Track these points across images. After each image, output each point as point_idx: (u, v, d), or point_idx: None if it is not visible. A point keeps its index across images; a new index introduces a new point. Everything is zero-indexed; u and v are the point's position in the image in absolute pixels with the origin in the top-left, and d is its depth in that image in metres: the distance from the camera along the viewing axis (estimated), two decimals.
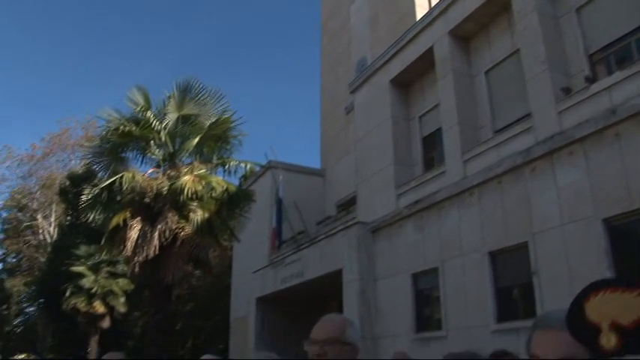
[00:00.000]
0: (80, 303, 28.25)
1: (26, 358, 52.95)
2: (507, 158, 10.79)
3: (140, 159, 14.47)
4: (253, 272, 19.99)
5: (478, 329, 10.62)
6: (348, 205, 19.55)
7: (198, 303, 32.37)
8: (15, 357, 55.32)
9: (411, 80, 15.28)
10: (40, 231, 46.20)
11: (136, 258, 12.89)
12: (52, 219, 45.37)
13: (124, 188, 12.97)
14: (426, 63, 14.21)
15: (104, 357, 4.64)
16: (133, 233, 12.80)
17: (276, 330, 18.66)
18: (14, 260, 53.41)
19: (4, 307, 52.36)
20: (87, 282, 28.30)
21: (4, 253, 53.87)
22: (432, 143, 14.35)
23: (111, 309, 29.03)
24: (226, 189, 13.81)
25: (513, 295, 10.63)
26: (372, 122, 15.84)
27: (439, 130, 13.53)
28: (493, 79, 12.76)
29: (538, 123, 10.37)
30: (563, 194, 9.52)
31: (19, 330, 51.82)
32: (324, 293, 16.57)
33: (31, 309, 49.41)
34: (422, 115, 14.84)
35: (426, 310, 12.75)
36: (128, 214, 13.11)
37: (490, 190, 11.13)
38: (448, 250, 11.93)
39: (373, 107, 15.95)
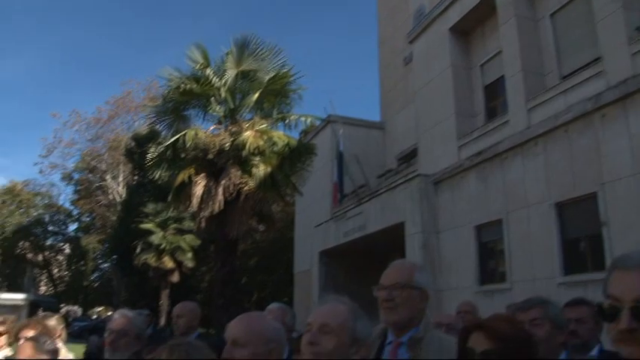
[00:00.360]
0: (150, 259, 29.38)
1: (104, 310, 55.74)
2: (575, 105, 10.34)
3: (202, 116, 14.72)
4: (315, 226, 20.20)
5: (544, 282, 10.41)
6: (409, 157, 19.37)
7: (262, 257, 33.06)
8: (94, 309, 58.37)
9: (471, 27, 14.79)
10: (110, 191, 47.94)
11: (201, 213, 13.23)
12: (120, 179, 46.95)
13: (188, 146, 13.20)
14: (486, 8, 13.68)
15: (176, 307, 4.81)
16: (198, 189, 13.11)
17: (339, 283, 18.87)
18: (88, 219, 55.87)
19: (82, 263, 55.08)
20: (156, 238, 29.34)
21: (78, 213, 56.42)
22: (495, 92, 13.94)
23: (179, 264, 30.08)
24: (287, 143, 13.88)
25: (581, 247, 10.35)
26: (432, 72, 15.50)
27: (502, 78, 13.10)
28: (559, 22, 12.18)
29: (609, 66, 9.88)
30: (636, 142, 9.08)
31: (96, 284, 54.45)
32: (387, 246, 16.59)
33: (105, 265, 51.78)
34: (483, 63, 14.40)
35: (490, 262, 12.60)
36: (192, 171, 13.41)
37: (556, 139, 10.75)
38: (512, 201, 11.67)
39: (432, 57, 15.58)
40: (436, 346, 2.36)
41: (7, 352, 5.36)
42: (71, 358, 5.05)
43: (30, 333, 4.57)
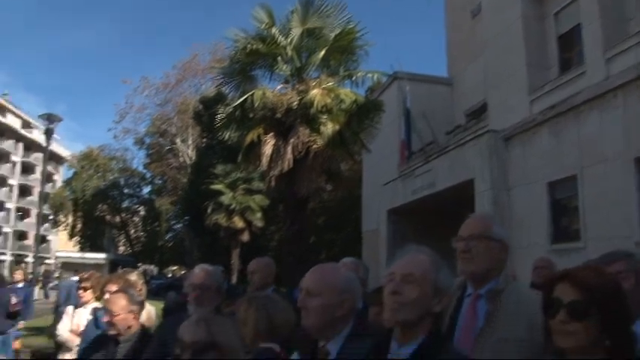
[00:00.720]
0: (221, 219, 30.18)
1: (178, 269, 57.89)
2: None
3: (268, 76, 14.74)
4: (383, 185, 20.15)
5: (621, 240, 9.93)
6: (478, 113, 18.93)
7: (330, 217, 33.33)
8: (168, 268, 60.70)
9: None
10: (180, 154, 49.20)
11: (271, 172, 13.40)
12: (190, 142, 48.04)
13: (256, 105, 13.32)
14: None
15: (251, 263, 4.92)
16: (267, 149, 13.27)
17: (407, 241, 18.73)
18: (160, 182, 57.74)
19: (156, 224, 57.19)
20: (226, 199, 30.05)
21: (151, 176, 58.39)
22: (570, 42, 13.32)
23: (249, 223, 30.78)
24: (355, 100, 13.78)
25: None
26: (501, 24, 14.94)
27: (577, 26, 12.49)
28: None
29: None
30: None
31: (169, 244, 56.45)
32: (455, 204, 16.34)
33: (178, 226, 53.52)
34: (557, 11, 13.75)
35: (563, 220, 12.22)
36: (261, 131, 13.55)
37: (637, 91, 10.23)
38: (588, 157, 11.21)
39: (502, 7, 15.00)
40: (515, 298, 2.33)
41: (95, 305, 5.67)
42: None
43: (114, 287, 4.82)
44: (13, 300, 9.78)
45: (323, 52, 14.07)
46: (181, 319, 2.34)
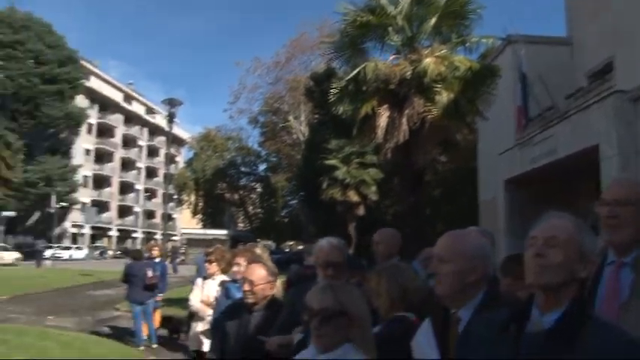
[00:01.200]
0: (336, 193, 30.61)
1: (294, 244, 59.46)
2: None
3: (379, 47, 14.63)
4: (500, 154, 19.56)
5: None
6: (601, 73, 17.83)
7: (445, 189, 32.90)
8: (285, 243, 62.50)
9: None
10: (293, 131, 50.26)
11: (386, 145, 13.37)
12: (302, 118, 48.91)
13: (368, 78, 13.27)
14: None
15: (376, 233, 4.93)
16: (382, 121, 13.24)
17: (526, 212, 18.18)
18: (275, 159, 59.44)
19: (272, 200, 59.05)
20: (340, 173, 30.40)
21: (266, 154, 60.30)
22: None
23: (364, 197, 31.01)
24: (470, 67, 13.39)
25: None
26: None
27: None
28: None
29: None
30: None
31: (286, 220, 58.07)
32: (578, 172, 15.63)
33: (293, 201, 54.96)
34: None
35: None
36: (375, 103, 13.53)
37: None
38: None
39: None
40: None
41: (222, 277, 5.98)
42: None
43: (241, 260, 5.06)
44: (149, 273, 10.58)
45: (434, 19, 13.75)
46: (308, 288, 2.39)
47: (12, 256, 41.27)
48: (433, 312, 2.38)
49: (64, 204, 54.32)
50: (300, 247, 41.11)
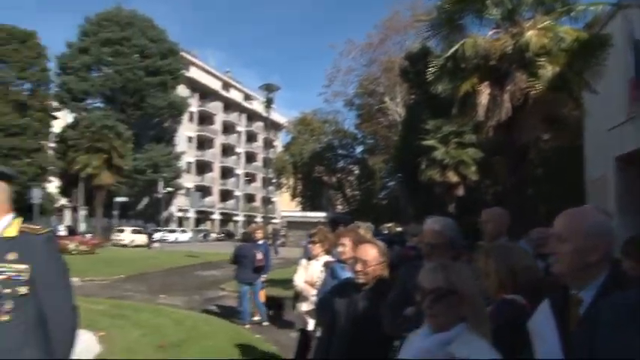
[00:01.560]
0: (435, 174, 30.18)
1: (393, 226, 59.29)
2: None
3: (477, 23, 14.14)
4: (609, 129, 18.49)
5: None
6: None
7: (548, 167, 31.59)
8: (384, 225, 62.41)
9: None
10: (390, 112, 49.94)
11: (488, 123, 12.97)
12: (398, 99, 48.48)
13: (468, 55, 12.90)
14: None
15: (483, 212, 4.79)
16: (483, 98, 12.82)
17: (639, 190, 17.18)
18: (372, 141, 59.41)
19: (370, 182, 59.09)
20: (438, 154, 29.93)
21: (362, 136, 60.34)
22: None
23: (463, 178, 30.39)
24: (577, 38, 12.67)
25: None
26: None
27: None
28: None
29: None
30: None
31: (384, 202, 57.97)
32: None
33: (391, 183, 54.75)
34: None
35: None
36: (475, 80, 13.11)
37: None
38: None
39: None
40: None
41: (326, 258, 5.99)
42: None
43: (346, 240, 5.05)
44: (259, 256, 10.89)
45: None
46: (418, 267, 2.39)
47: (141, 238, 44.49)
48: (550, 292, 2.27)
49: (169, 189, 57.10)
50: (399, 229, 40.87)
